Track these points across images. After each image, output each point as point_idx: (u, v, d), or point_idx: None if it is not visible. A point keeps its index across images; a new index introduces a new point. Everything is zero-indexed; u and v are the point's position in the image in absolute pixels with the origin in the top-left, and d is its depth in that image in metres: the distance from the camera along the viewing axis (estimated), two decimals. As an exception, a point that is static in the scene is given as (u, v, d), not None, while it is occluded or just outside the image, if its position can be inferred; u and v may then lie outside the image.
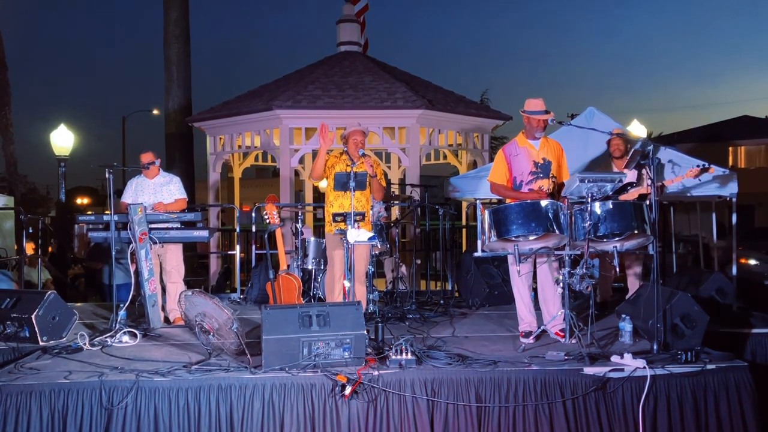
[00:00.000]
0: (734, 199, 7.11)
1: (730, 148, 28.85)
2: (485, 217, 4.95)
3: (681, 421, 4.16)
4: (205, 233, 6.21)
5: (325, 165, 5.81)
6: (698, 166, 6.09)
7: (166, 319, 6.17)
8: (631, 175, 6.13)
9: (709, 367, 4.25)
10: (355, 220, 5.33)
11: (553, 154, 5.31)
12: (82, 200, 38.28)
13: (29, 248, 9.58)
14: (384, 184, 6.07)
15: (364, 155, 5.66)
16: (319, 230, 10.22)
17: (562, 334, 4.95)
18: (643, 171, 6.15)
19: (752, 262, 12.17)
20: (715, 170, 6.25)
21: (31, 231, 9.24)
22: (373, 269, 6.15)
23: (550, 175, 5.23)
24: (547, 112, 5.22)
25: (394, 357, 4.23)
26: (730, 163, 27.74)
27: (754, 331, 5.54)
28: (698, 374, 4.21)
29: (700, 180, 6.11)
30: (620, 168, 6.24)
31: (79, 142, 13.94)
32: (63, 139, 12.22)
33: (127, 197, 6.30)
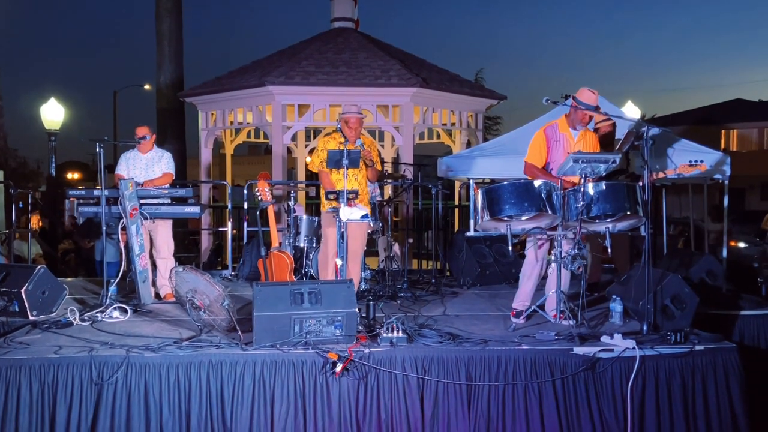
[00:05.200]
0: (726, 182, 7.13)
1: (723, 131, 28.95)
2: (478, 196, 4.92)
3: (669, 401, 4.20)
4: (196, 209, 6.18)
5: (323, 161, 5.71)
6: (691, 162, 6.01)
7: (157, 295, 6.16)
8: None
9: (698, 348, 4.28)
10: (348, 198, 5.30)
11: (589, 147, 5.19)
12: (72, 175, 38.02)
13: (34, 220, 9.53)
14: (380, 167, 6.03)
15: (362, 146, 5.61)
16: (311, 208, 10.19)
17: (559, 314, 4.96)
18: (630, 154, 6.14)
19: (742, 244, 12.25)
20: (707, 167, 6.18)
21: (21, 205, 9.18)
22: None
23: None
24: (597, 108, 5.08)
25: (385, 335, 4.24)
26: (723, 146, 27.86)
27: (743, 313, 5.58)
28: (687, 355, 4.25)
29: (691, 174, 6.08)
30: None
31: (70, 116, 13.84)
32: (53, 113, 12.10)
33: (121, 170, 6.25)
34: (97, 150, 5.57)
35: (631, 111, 12.27)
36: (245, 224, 8.44)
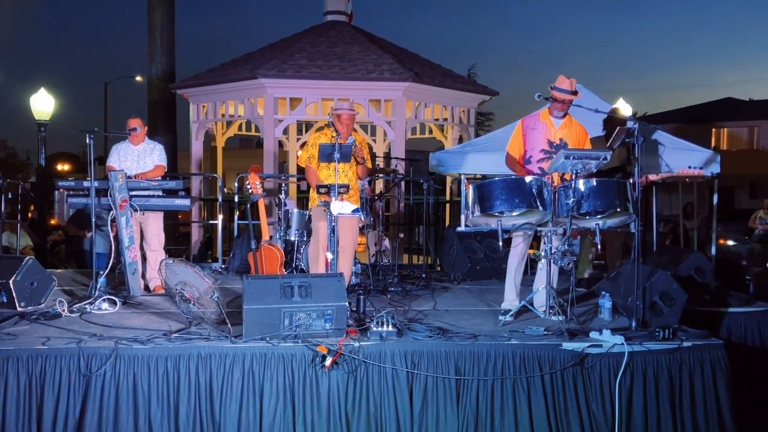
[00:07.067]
0: (716, 180, 7.18)
1: (713, 130, 29.10)
2: (469, 192, 4.93)
3: (656, 396, 4.22)
4: (186, 201, 6.16)
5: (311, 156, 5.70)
6: (691, 167, 6.06)
7: (146, 287, 6.14)
8: None
9: (686, 344, 4.30)
10: (339, 192, 5.29)
11: (574, 137, 5.21)
12: (62, 166, 37.82)
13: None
14: (370, 165, 6.04)
15: (354, 144, 5.61)
16: (302, 202, 10.18)
17: (548, 310, 4.98)
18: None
19: (730, 242, 12.35)
20: (704, 173, 6.29)
21: (11, 196, 9.11)
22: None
23: None
24: (574, 92, 5.13)
25: (375, 329, 4.24)
26: (713, 144, 28.00)
27: (731, 310, 5.62)
28: (675, 351, 4.27)
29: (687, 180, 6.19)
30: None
31: (60, 107, 13.74)
32: (43, 104, 12.00)
33: (113, 161, 6.21)
34: (88, 141, 5.53)
35: (623, 108, 12.29)
36: (236, 217, 8.42)
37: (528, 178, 4.77)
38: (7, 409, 3.85)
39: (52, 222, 12.77)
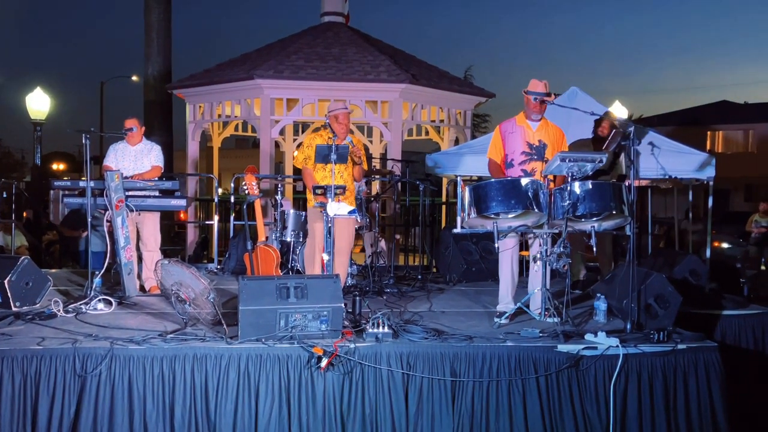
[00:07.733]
0: (711, 183, 7.21)
1: (709, 133, 29.19)
2: (465, 193, 4.95)
3: (651, 398, 4.24)
4: (182, 202, 6.16)
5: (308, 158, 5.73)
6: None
7: (142, 288, 6.13)
8: None
9: (680, 347, 4.32)
10: (336, 194, 5.30)
11: (551, 137, 5.27)
12: (58, 166, 37.69)
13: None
14: (366, 167, 6.06)
15: (352, 143, 5.63)
16: (298, 202, 10.18)
17: (543, 312, 4.99)
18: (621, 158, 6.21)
19: (725, 245, 12.40)
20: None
21: (5, 196, 9.11)
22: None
23: (545, 159, 5.20)
24: (548, 94, 5.20)
25: (370, 330, 4.24)
26: (708, 147, 28.11)
27: (725, 312, 5.64)
28: (669, 354, 4.29)
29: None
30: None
31: (56, 106, 13.71)
32: (39, 103, 11.98)
33: (110, 161, 6.20)
34: (83, 141, 5.52)
35: (619, 111, 12.33)
36: (232, 217, 8.42)
37: (524, 180, 4.79)
38: (1, 410, 3.83)
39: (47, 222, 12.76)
